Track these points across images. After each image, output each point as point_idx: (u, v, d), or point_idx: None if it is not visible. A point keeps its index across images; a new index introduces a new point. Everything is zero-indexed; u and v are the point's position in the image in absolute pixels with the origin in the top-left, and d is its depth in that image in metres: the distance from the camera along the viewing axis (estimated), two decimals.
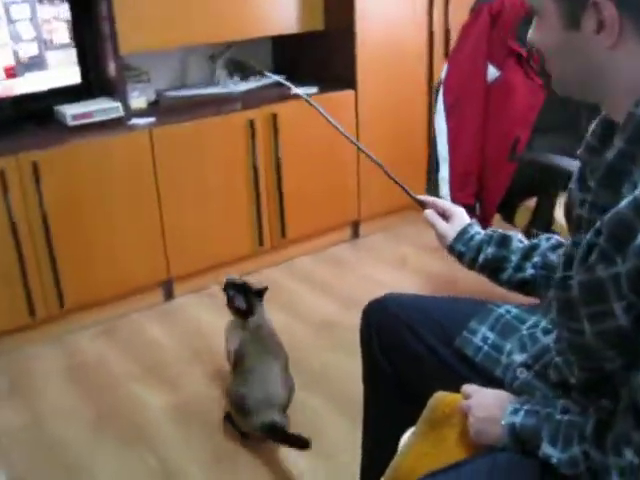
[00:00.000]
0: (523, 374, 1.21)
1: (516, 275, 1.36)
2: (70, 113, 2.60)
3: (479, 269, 1.41)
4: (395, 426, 1.54)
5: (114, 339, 2.65)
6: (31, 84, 2.59)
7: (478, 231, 1.42)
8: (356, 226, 3.42)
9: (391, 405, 1.51)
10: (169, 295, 2.91)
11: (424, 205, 1.49)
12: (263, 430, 1.96)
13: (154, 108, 2.92)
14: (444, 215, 1.46)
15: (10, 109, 2.61)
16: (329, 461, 1.97)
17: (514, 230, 1.50)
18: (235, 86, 3.16)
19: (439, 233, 1.45)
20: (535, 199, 2.19)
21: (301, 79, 3.19)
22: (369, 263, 3.20)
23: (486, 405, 1.14)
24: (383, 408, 1.54)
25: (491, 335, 1.32)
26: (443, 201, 1.50)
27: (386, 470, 1.42)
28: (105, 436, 2.12)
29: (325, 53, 3.21)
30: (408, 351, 1.41)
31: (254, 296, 2.01)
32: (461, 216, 1.45)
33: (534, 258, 1.35)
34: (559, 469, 0.98)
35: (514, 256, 1.36)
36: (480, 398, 1.16)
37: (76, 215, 2.55)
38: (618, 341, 0.93)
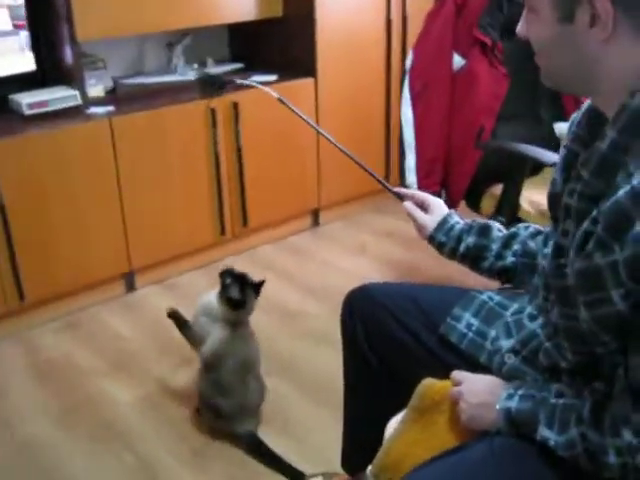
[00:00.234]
0: (511, 359, 1.23)
1: (497, 263, 1.39)
2: (26, 102, 2.52)
3: (460, 258, 1.43)
4: (379, 413, 1.55)
5: (77, 333, 2.59)
6: None
7: (457, 221, 1.44)
8: (316, 214, 3.43)
9: (375, 393, 1.52)
10: (131, 287, 2.86)
11: (402, 197, 1.50)
12: (239, 440, 1.98)
13: (112, 96, 2.86)
14: (423, 206, 1.47)
15: None
16: (301, 444, 1.99)
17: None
18: (192, 73, 3.12)
19: (419, 224, 1.46)
20: (501, 186, 2.22)
21: (260, 67, 3.18)
22: (330, 251, 3.21)
23: (478, 391, 1.16)
24: (367, 396, 1.55)
25: (475, 322, 1.34)
26: (421, 192, 1.51)
27: (375, 457, 1.44)
28: (77, 434, 2.08)
29: (284, 40, 3.18)
30: (393, 339, 1.42)
31: (250, 288, 1.93)
32: (440, 206, 1.47)
33: (514, 246, 1.37)
34: (557, 451, 1.01)
35: (494, 245, 1.39)
36: (471, 384, 1.18)
37: (35, 207, 2.48)
38: (615, 326, 0.96)
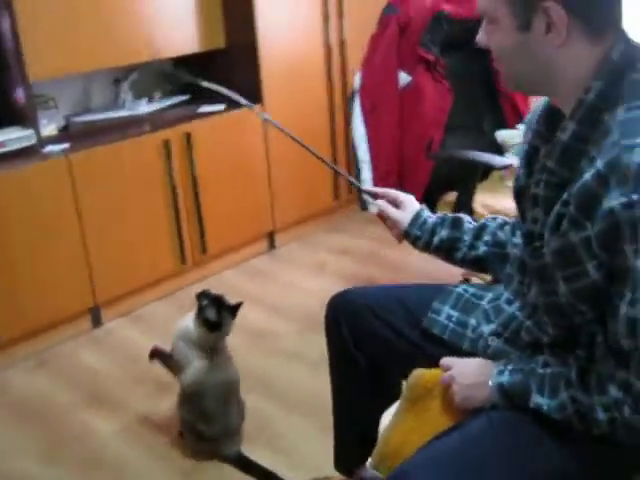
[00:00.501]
0: (494, 342, 1.33)
1: (470, 253, 1.48)
2: None
3: (434, 250, 1.51)
4: (369, 411, 1.64)
5: (50, 370, 2.59)
6: None
7: (429, 215, 1.53)
8: (272, 237, 3.50)
9: (364, 391, 1.59)
10: (97, 321, 2.86)
11: (375, 196, 1.58)
12: (226, 460, 2.03)
13: (65, 134, 2.89)
14: (395, 203, 1.55)
15: None
16: (288, 457, 2.04)
17: None
18: (141, 107, 3.18)
19: (393, 220, 1.53)
20: (454, 193, 2.35)
21: (206, 98, 3.25)
22: (290, 271, 3.29)
23: (469, 372, 1.25)
24: (355, 395, 1.61)
25: (454, 313, 1.43)
26: (392, 190, 1.58)
27: (368, 452, 1.51)
28: (63, 468, 2.08)
29: (228, 70, 3.26)
30: (378, 337, 1.50)
31: (226, 311, 1.96)
32: (412, 202, 1.55)
33: (485, 237, 1.47)
34: (550, 415, 1.11)
35: (466, 236, 1.48)
36: (461, 367, 1.27)
37: None
38: (590, 296, 1.07)
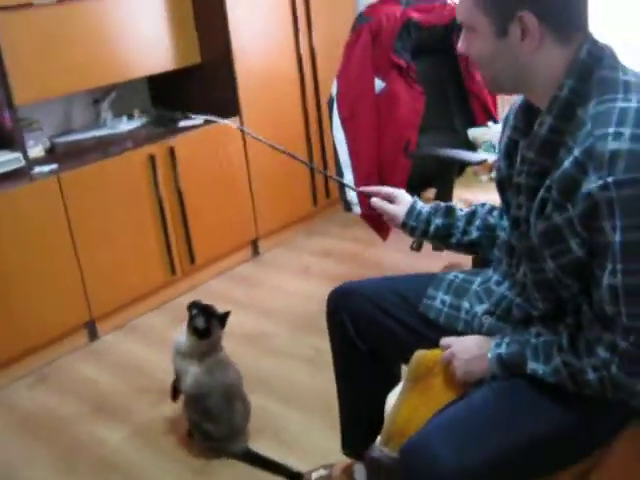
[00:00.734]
0: (488, 320, 1.45)
1: (464, 238, 1.61)
2: None
3: (431, 238, 1.64)
4: (373, 394, 1.74)
5: (51, 385, 2.65)
6: None
7: (423, 206, 1.64)
8: (255, 244, 3.60)
9: (367, 376, 1.71)
10: (94, 335, 2.93)
11: (369, 195, 1.69)
12: (235, 457, 2.12)
13: (51, 155, 2.95)
14: (389, 199, 1.66)
15: None
16: (294, 449, 2.14)
17: None
18: (122, 125, 3.27)
19: (390, 215, 1.64)
20: (433, 190, 2.48)
21: (185, 113, 3.35)
22: (275, 276, 3.39)
23: (468, 348, 1.37)
24: (359, 379, 1.73)
25: (447, 298, 1.55)
26: (385, 187, 1.68)
27: (374, 434, 1.62)
28: (79, 475, 2.14)
29: (205, 85, 3.36)
30: (379, 325, 1.61)
31: (215, 319, 2.08)
32: (404, 196, 1.66)
33: (476, 222, 1.60)
34: (545, 379, 1.24)
35: (459, 222, 1.61)
36: (461, 344, 1.39)
37: None
38: (575, 270, 1.20)
